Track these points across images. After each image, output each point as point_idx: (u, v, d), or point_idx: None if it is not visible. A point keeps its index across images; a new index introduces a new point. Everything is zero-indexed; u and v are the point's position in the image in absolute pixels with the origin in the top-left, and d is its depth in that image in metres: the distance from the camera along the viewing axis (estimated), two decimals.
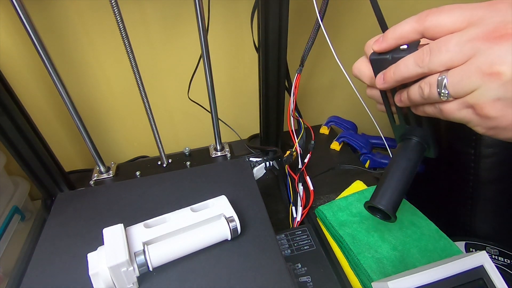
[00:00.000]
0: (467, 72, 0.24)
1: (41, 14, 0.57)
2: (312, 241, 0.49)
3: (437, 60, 0.25)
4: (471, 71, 0.23)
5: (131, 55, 0.49)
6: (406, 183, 0.34)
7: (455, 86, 0.24)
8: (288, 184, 0.59)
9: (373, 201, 0.34)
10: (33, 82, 0.63)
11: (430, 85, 0.26)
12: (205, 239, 0.39)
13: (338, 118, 0.79)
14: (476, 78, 0.23)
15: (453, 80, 0.24)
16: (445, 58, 0.24)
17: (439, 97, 0.26)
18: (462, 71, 0.24)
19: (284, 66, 0.56)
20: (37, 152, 0.53)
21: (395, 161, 0.34)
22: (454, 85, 0.24)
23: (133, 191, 0.50)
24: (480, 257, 0.34)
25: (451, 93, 0.25)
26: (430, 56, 0.25)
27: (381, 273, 0.43)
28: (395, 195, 0.34)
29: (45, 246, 0.42)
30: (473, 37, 0.23)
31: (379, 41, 0.29)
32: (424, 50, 0.26)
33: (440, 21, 0.25)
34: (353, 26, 0.76)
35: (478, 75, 0.23)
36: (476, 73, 0.23)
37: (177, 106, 0.76)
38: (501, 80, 0.22)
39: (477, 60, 0.23)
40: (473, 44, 0.23)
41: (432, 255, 0.45)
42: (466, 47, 0.23)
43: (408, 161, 0.34)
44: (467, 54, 0.23)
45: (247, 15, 0.55)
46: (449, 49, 0.24)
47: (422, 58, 0.26)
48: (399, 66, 0.28)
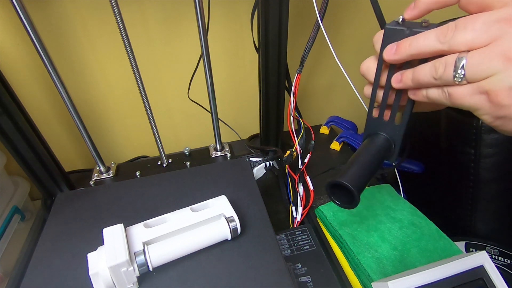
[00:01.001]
0: (489, 54, 0.22)
1: (41, 14, 0.57)
2: (312, 241, 0.49)
3: (461, 38, 0.23)
4: (494, 54, 0.22)
5: (131, 55, 0.49)
6: (371, 171, 0.32)
7: (474, 69, 0.23)
8: (288, 184, 0.59)
9: (338, 177, 0.31)
10: (33, 82, 0.63)
11: (446, 65, 0.24)
12: (205, 239, 0.39)
13: (338, 118, 0.79)
14: (498, 62, 0.22)
15: (473, 62, 0.23)
16: (469, 36, 0.23)
17: (453, 79, 0.24)
18: (484, 53, 0.22)
19: (284, 66, 0.56)
20: (37, 152, 0.53)
21: (363, 149, 0.33)
22: (473, 67, 0.23)
23: (133, 191, 0.50)
24: (480, 257, 0.34)
25: (467, 76, 0.23)
26: (455, 31, 0.23)
27: (381, 273, 0.43)
28: (361, 176, 0.31)
29: (45, 246, 0.42)
30: (503, 18, 0.22)
31: (411, 7, 0.28)
32: (449, 25, 0.24)
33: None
34: (353, 26, 0.76)
35: (500, 59, 0.22)
36: (499, 57, 0.22)
37: (177, 106, 0.76)
38: None
39: (502, 43, 0.22)
40: (501, 25, 0.22)
41: (432, 255, 0.45)
42: (494, 27, 0.22)
43: (376, 152, 0.32)
44: (493, 35, 0.22)
45: (247, 15, 0.55)
46: (475, 27, 0.23)
47: (445, 33, 0.24)
48: (418, 39, 0.26)
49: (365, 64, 0.33)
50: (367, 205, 0.53)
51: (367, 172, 0.31)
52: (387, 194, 0.55)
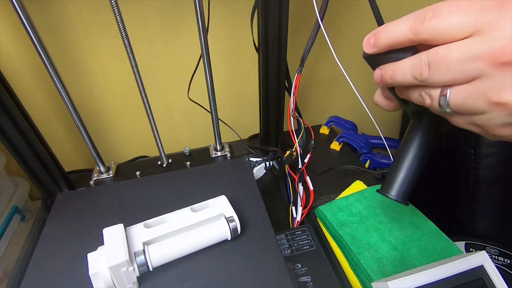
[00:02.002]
0: (471, 95, 0.21)
1: (41, 14, 0.57)
2: (312, 241, 0.49)
3: (437, 78, 0.22)
4: (477, 96, 0.21)
5: (131, 55, 0.49)
6: (418, 166, 0.31)
7: (459, 106, 0.22)
8: (288, 184, 0.59)
9: (383, 191, 0.32)
10: (33, 82, 0.63)
11: (431, 98, 0.24)
12: (205, 239, 0.39)
13: (338, 118, 0.79)
14: (482, 104, 0.21)
15: (456, 101, 0.22)
16: (446, 77, 0.22)
17: (441, 111, 0.24)
18: (466, 93, 0.22)
19: (284, 66, 0.56)
20: (37, 152, 0.53)
21: (406, 143, 0.32)
22: (458, 105, 0.22)
23: (133, 191, 0.50)
24: (480, 257, 0.34)
25: (455, 110, 0.23)
26: (429, 72, 0.22)
27: (381, 273, 0.43)
28: (406, 181, 0.31)
29: (45, 246, 0.42)
30: (478, 56, 0.20)
31: (370, 43, 0.26)
32: (421, 61, 0.23)
33: (439, 28, 0.22)
34: (353, 26, 0.76)
35: (484, 102, 0.21)
36: (482, 99, 0.21)
37: (177, 106, 0.76)
38: (509, 109, 0.20)
39: (482, 85, 0.21)
40: (477, 65, 0.20)
41: (432, 255, 0.45)
42: (470, 67, 0.21)
43: (420, 143, 0.31)
44: (470, 75, 0.21)
45: (247, 15, 0.55)
46: (450, 68, 0.21)
47: (420, 72, 0.23)
48: (396, 74, 0.25)
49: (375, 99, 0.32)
50: (367, 205, 0.53)
51: (412, 171, 0.31)
52: None
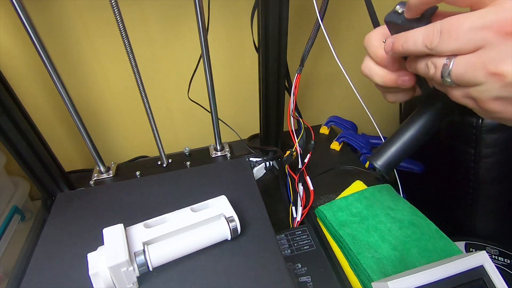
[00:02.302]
0: (472, 65, 0.23)
1: (41, 14, 0.57)
2: (312, 241, 0.49)
3: (445, 46, 0.24)
4: (477, 66, 0.23)
5: (131, 55, 0.49)
6: (412, 147, 0.32)
7: (459, 77, 0.24)
8: (288, 184, 0.59)
9: (372, 158, 0.33)
10: (33, 82, 0.63)
11: (435, 68, 0.25)
12: (205, 239, 0.39)
13: (338, 118, 0.79)
14: (480, 75, 0.23)
15: (458, 71, 0.24)
16: (454, 46, 0.24)
17: (442, 82, 0.25)
18: (467, 63, 0.23)
19: (284, 66, 0.56)
20: (37, 152, 0.53)
21: (411, 122, 0.32)
22: (458, 75, 0.24)
23: (133, 191, 0.50)
24: (480, 257, 0.34)
25: (455, 81, 0.25)
26: (440, 39, 0.24)
27: (381, 273, 0.43)
28: (396, 157, 0.33)
29: (45, 246, 0.42)
30: (487, 26, 0.22)
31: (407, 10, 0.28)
32: (434, 29, 0.25)
33: None
34: (353, 26, 0.76)
35: (482, 72, 0.23)
36: (481, 70, 0.23)
37: (177, 106, 0.76)
38: (503, 81, 0.22)
39: (484, 55, 0.22)
40: (485, 34, 0.22)
41: (432, 255, 0.45)
42: (478, 36, 0.22)
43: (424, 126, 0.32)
44: (476, 44, 0.23)
45: (247, 15, 0.55)
46: (459, 36, 0.23)
47: (431, 39, 0.25)
48: (408, 41, 0.27)
49: (365, 66, 0.32)
50: (367, 205, 0.53)
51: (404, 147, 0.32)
52: (387, 194, 0.55)
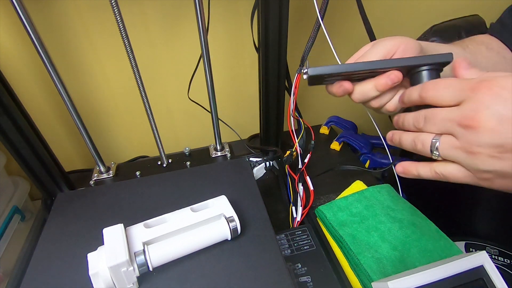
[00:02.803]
0: (452, 146, 0.30)
1: (41, 14, 0.57)
2: (312, 241, 0.49)
3: (428, 128, 0.32)
4: (456, 147, 0.30)
5: (131, 55, 0.49)
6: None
7: (445, 153, 0.31)
8: (288, 184, 0.59)
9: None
10: (33, 82, 0.63)
11: (423, 143, 0.32)
12: (205, 239, 0.39)
13: (338, 118, 0.79)
14: (461, 153, 0.30)
15: (443, 150, 0.31)
16: (434, 129, 0.31)
17: (431, 155, 0.32)
18: (448, 144, 0.30)
19: (284, 66, 0.56)
20: (37, 152, 0.53)
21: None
22: (444, 152, 0.31)
23: (133, 191, 0.50)
24: (480, 257, 0.34)
25: (442, 156, 0.31)
26: (424, 123, 0.32)
27: (381, 273, 0.43)
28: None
29: (45, 246, 0.42)
30: (453, 118, 0.30)
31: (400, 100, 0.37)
32: (420, 115, 0.32)
33: (438, 96, 0.31)
34: (353, 25, 0.76)
35: (461, 151, 0.30)
36: (460, 149, 0.30)
37: (177, 106, 0.76)
38: (480, 158, 0.29)
39: (459, 139, 0.30)
40: (452, 123, 0.30)
41: (432, 255, 0.45)
42: (447, 125, 0.30)
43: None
44: (448, 130, 0.30)
45: (247, 15, 0.55)
46: (436, 123, 0.31)
47: (418, 122, 0.33)
48: (404, 121, 0.35)
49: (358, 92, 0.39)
50: (367, 205, 0.53)
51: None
52: (387, 194, 0.55)
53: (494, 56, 0.46)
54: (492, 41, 0.47)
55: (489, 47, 0.46)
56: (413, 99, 0.34)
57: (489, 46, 0.46)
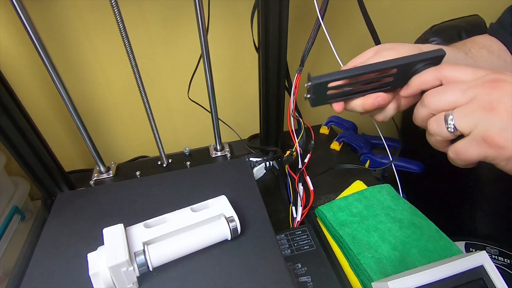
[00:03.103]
0: (470, 108, 0.28)
1: (41, 14, 0.57)
2: (312, 241, 0.49)
3: (444, 100, 0.30)
4: (474, 108, 0.28)
5: (131, 55, 0.49)
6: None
7: (461, 119, 0.29)
8: (288, 184, 0.59)
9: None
10: (33, 82, 0.63)
11: (437, 121, 0.30)
12: (205, 239, 0.39)
13: (338, 118, 0.79)
14: (479, 113, 0.28)
15: (459, 114, 0.29)
16: (452, 98, 0.29)
17: (446, 130, 0.30)
18: (465, 108, 0.28)
19: (284, 66, 0.56)
20: (37, 152, 0.53)
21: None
22: (460, 118, 0.29)
23: (133, 191, 0.50)
24: (480, 257, 0.34)
25: (457, 126, 0.29)
26: (437, 96, 0.30)
27: (381, 273, 0.43)
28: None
29: (45, 246, 0.42)
30: (473, 85, 0.29)
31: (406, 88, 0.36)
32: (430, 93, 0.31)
33: (454, 74, 0.31)
34: (353, 25, 0.76)
35: (480, 111, 0.28)
36: (479, 109, 0.28)
37: (177, 106, 0.76)
38: (500, 114, 0.27)
39: (477, 100, 0.28)
40: (473, 89, 0.28)
41: (432, 255, 0.45)
42: (468, 91, 0.29)
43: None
44: (469, 97, 0.28)
45: (247, 15, 0.55)
46: (455, 92, 0.29)
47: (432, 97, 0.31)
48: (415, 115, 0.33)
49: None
50: (367, 205, 0.53)
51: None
52: (387, 194, 0.55)
53: (495, 60, 0.46)
54: (493, 43, 0.47)
55: (490, 50, 0.46)
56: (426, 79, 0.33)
57: (490, 49, 0.47)
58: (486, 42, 0.48)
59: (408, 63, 0.36)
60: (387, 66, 0.36)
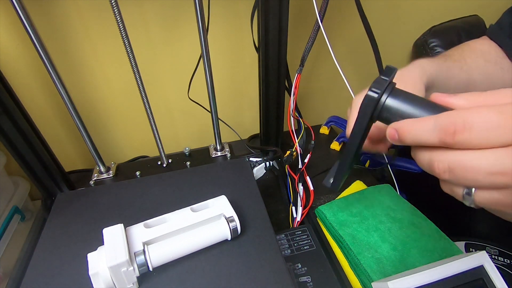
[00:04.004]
0: (498, 199, 0.21)
1: (41, 14, 0.57)
2: (312, 241, 0.49)
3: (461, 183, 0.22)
4: (503, 201, 0.21)
5: (131, 55, 0.49)
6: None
7: (482, 202, 0.22)
8: (288, 184, 0.59)
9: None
10: (33, 82, 0.63)
11: (452, 190, 0.24)
12: (205, 239, 0.39)
13: (338, 118, 0.79)
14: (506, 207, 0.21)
15: (481, 199, 0.22)
16: (476, 176, 0.21)
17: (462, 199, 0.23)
18: (492, 195, 0.21)
19: (284, 66, 0.56)
20: (37, 152, 0.53)
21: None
22: (482, 201, 0.22)
23: (133, 191, 0.50)
24: (480, 257, 0.34)
25: (476, 203, 0.22)
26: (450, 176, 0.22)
27: (381, 273, 0.43)
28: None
29: (45, 246, 0.42)
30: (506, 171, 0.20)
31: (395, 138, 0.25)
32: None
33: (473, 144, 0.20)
34: (353, 25, 0.76)
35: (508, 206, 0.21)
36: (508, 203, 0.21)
37: (177, 106, 0.76)
38: None
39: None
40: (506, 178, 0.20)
41: (432, 255, 0.45)
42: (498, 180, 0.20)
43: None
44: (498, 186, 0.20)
45: (247, 15, 0.55)
46: (478, 179, 0.21)
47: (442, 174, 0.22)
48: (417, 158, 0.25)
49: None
50: (367, 205, 0.53)
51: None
52: (387, 194, 0.55)
53: (491, 69, 0.45)
54: (491, 49, 0.47)
55: (487, 58, 0.46)
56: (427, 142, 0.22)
57: (488, 57, 0.46)
58: (484, 48, 0.47)
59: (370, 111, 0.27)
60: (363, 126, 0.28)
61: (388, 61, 0.51)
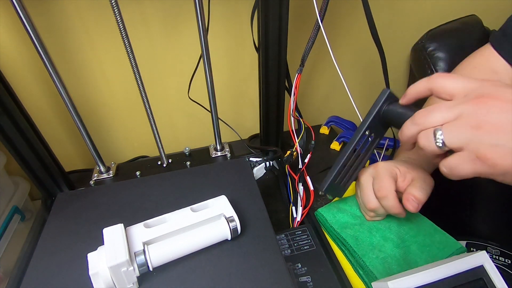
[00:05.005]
0: (458, 125, 0.29)
1: (41, 14, 0.57)
2: (312, 241, 0.49)
3: (432, 118, 0.31)
4: (461, 124, 0.29)
5: (131, 55, 0.49)
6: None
7: (450, 136, 0.30)
8: (288, 184, 0.59)
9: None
10: (33, 82, 0.63)
11: (426, 136, 0.31)
12: (205, 239, 0.39)
13: (338, 118, 0.79)
14: (467, 131, 0.29)
15: (447, 131, 0.30)
16: (439, 115, 0.31)
17: (435, 145, 0.31)
18: (453, 124, 0.30)
19: (284, 66, 0.56)
20: (37, 152, 0.53)
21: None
22: (449, 135, 0.30)
23: (133, 191, 0.50)
24: (480, 257, 0.34)
25: (446, 141, 0.30)
26: (426, 116, 0.32)
27: (387, 273, 0.43)
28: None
29: (45, 246, 0.42)
30: (460, 102, 0.30)
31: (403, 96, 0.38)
32: (419, 112, 0.33)
33: (444, 84, 0.32)
34: (353, 26, 0.76)
35: (468, 129, 0.29)
36: (466, 127, 0.29)
37: (177, 106, 0.76)
38: (487, 131, 0.27)
39: (464, 118, 0.29)
40: (460, 107, 0.30)
41: (431, 249, 0.45)
42: (455, 109, 0.30)
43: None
44: (455, 113, 0.30)
45: (247, 15, 0.55)
46: (442, 110, 0.31)
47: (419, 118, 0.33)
48: (403, 131, 0.35)
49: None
50: None
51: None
52: None
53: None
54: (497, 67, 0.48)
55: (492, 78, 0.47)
56: (419, 89, 0.35)
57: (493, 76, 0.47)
58: (490, 65, 0.49)
59: (372, 118, 0.41)
60: (362, 133, 0.42)
61: None
